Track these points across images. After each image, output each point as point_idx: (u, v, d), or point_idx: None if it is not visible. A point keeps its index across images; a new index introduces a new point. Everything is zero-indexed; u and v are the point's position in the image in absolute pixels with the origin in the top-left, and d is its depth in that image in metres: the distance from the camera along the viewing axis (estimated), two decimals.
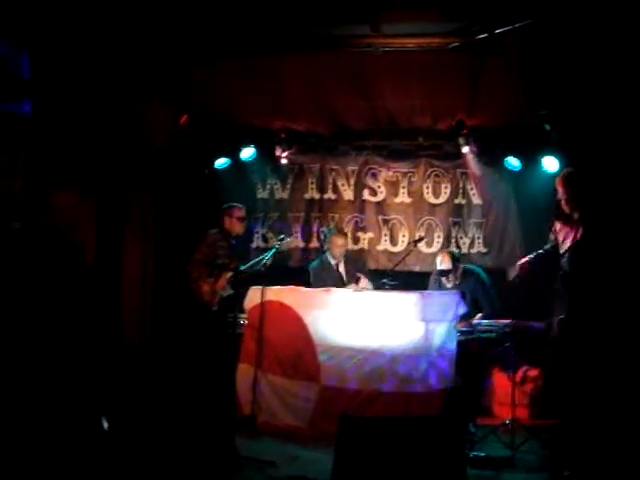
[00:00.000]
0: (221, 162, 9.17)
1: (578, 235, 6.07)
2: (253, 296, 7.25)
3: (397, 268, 8.15)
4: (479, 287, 7.76)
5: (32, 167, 6.55)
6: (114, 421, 5.95)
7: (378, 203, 9.50)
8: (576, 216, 6.10)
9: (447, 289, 7.83)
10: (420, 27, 6.30)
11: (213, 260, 7.46)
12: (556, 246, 6.22)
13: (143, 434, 5.82)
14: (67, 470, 4.91)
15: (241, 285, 7.30)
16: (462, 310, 6.92)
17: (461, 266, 8.05)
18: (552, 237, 6.40)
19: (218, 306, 7.43)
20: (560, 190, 6.21)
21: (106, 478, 5.00)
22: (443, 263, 7.88)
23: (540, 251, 6.43)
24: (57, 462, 4.94)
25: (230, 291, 7.43)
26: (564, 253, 6.21)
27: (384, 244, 9.47)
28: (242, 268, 7.40)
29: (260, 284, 7.08)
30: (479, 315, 7.46)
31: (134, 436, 5.78)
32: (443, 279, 7.93)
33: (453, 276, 7.89)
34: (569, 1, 5.60)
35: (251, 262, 7.53)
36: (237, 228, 7.79)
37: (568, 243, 6.14)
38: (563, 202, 6.15)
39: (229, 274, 7.41)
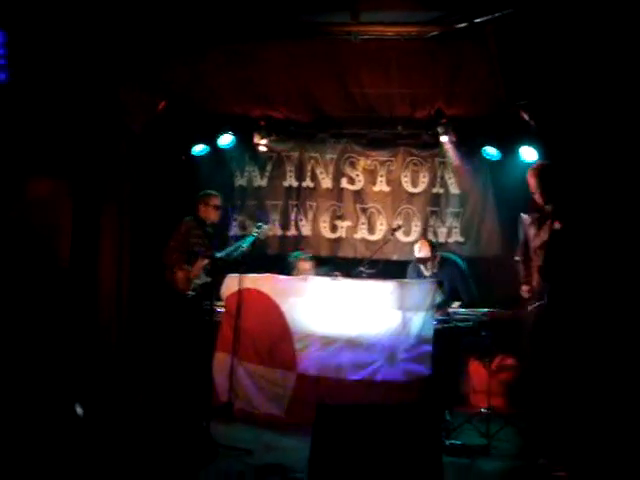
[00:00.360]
0: (199, 149, 9.14)
1: (553, 227, 6.11)
2: (230, 284, 7.24)
3: (375, 256, 8.15)
4: (457, 275, 7.79)
5: (5, 154, 6.48)
6: (92, 410, 5.95)
7: (356, 191, 9.49)
8: (549, 209, 6.14)
9: (425, 277, 7.87)
10: (400, 15, 6.27)
11: (188, 248, 7.42)
12: None
13: (120, 422, 5.82)
14: (42, 455, 4.91)
15: (218, 273, 7.27)
16: (439, 298, 6.95)
17: (439, 254, 8.08)
18: (520, 229, 6.44)
19: (193, 293, 7.38)
20: (532, 183, 6.25)
21: (82, 464, 4.99)
22: (422, 251, 7.92)
23: None
24: (31, 447, 4.94)
25: (206, 279, 7.39)
26: (535, 249, 6.25)
27: (362, 232, 9.47)
28: (218, 255, 7.37)
29: (237, 272, 7.05)
30: (457, 304, 7.47)
31: (110, 424, 5.77)
32: (421, 267, 7.96)
33: (431, 264, 7.92)
34: None
35: (228, 249, 7.50)
36: (212, 216, 7.74)
37: (544, 236, 6.18)
38: (537, 195, 6.20)
39: (205, 261, 7.38)
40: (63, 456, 5.05)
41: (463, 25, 6.07)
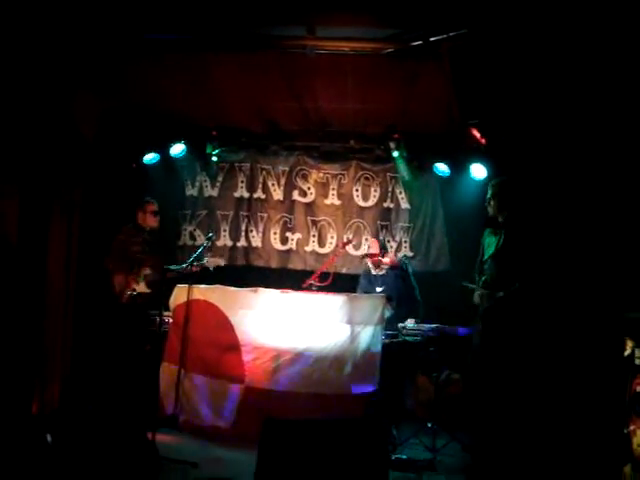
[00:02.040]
0: (150, 157, 9.04)
1: (501, 240, 6.23)
2: (178, 294, 7.19)
3: (325, 270, 8.16)
4: (403, 280, 7.77)
5: None
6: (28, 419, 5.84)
7: (307, 204, 9.52)
8: (500, 219, 6.27)
9: (375, 276, 7.90)
10: (356, 31, 6.30)
11: (128, 255, 7.37)
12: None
13: (62, 429, 5.71)
14: None
15: (163, 284, 7.23)
16: (388, 313, 6.99)
17: (387, 258, 8.13)
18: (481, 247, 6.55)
19: (130, 301, 7.30)
20: (490, 192, 6.37)
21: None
22: (371, 248, 8.02)
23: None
24: None
25: (146, 289, 7.33)
26: (487, 259, 6.36)
27: (312, 245, 9.49)
28: (172, 268, 7.34)
29: (186, 282, 7.01)
30: (410, 320, 7.47)
31: (53, 431, 5.66)
32: (370, 264, 7.98)
33: (380, 264, 7.94)
34: (502, 13, 5.68)
35: (181, 266, 7.44)
36: (151, 222, 7.70)
37: (491, 250, 6.30)
38: (491, 204, 6.32)
39: (146, 270, 7.33)
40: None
41: (418, 43, 6.12)
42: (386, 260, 7.91)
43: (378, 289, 7.83)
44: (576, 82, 6.26)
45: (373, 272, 8.01)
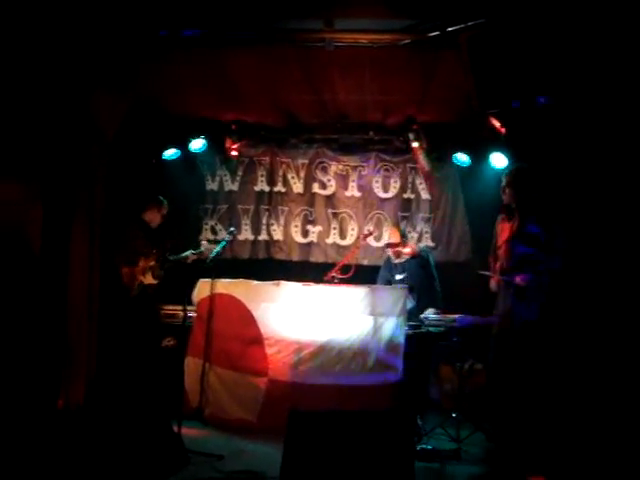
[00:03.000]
0: (170, 153, 9.09)
1: (514, 227, 6.22)
2: (202, 289, 7.23)
3: (346, 262, 8.17)
4: (424, 269, 7.78)
5: None
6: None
7: (328, 196, 9.52)
8: (514, 205, 6.26)
9: (395, 265, 7.89)
10: (373, 23, 6.30)
11: (134, 248, 7.47)
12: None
13: (89, 426, 5.77)
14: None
15: (167, 274, 7.30)
16: (410, 304, 7.01)
17: (408, 248, 8.12)
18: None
19: (139, 293, 7.37)
20: (505, 180, 6.36)
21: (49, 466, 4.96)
22: (391, 237, 7.97)
23: None
24: None
25: (153, 280, 7.41)
26: (501, 245, 6.35)
27: (333, 237, 9.49)
28: (172, 258, 7.43)
29: (209, 276, 7.05)
30: (430, 310, 7.47)
31: (81, 428, 5.72)
32: (391, 254, 7.97)
33: (402, 251, 7.89)
34: (519, 1, 5.67)
35: (184, 253, 7.52)
36: (157, 220, 7.88)
37: (505, 236, 6.30)
38: (506, 191, 6.31)
39: (150, 262, 7.40)
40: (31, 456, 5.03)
41: (436, 34, 6.12)
42: (407, 250, 7.88)
43: (398, 276, 7.79)
44: (596, 70, 6.22)
45: (394, 261, 7.98)
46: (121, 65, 7.10)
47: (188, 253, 7.46)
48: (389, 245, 8.00)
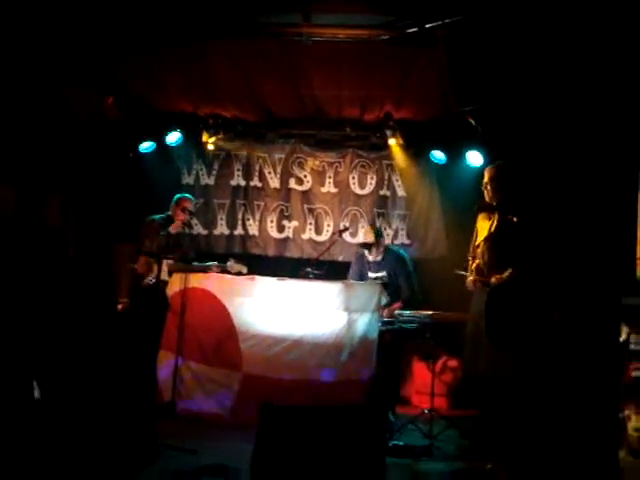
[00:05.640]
0: (146, 146, 9.04)
1: (493, 226, 6.25)
2: (175, 282, 7.21)
3: (321, 258, 8.18)
4: (400, 267, 7.69)
5: None
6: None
7: (304, 192, 9.52)
8: (494, 203, 6.28)
9: (369, 263, 7.84)
10: (351, 19, 6.31)
11: (156, 242, 7.41)
12: None
13: (63, 411, 5.72)
14: None
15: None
16: (384, 300, 7.01)
17: (385, 244, 8.11)
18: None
19: (151, 286, 7.32)
20: (486, 176, 6.37)
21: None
22: (366, 236, 7.85)
23: None
24: None
25: (167, 278, 7.35)
26: (479, 243, 6.37)
27: (309, 233, 9.50)
28: (195, 264, 7.39)
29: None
30: (397, 304, 7.46)
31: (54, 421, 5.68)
32: (365, 252, 7.90)
33: (376, 251, 7.82)
34: (497, 0, 5.70)
35: (209, 263, 7.46)
36: (180, 217, 7.72)
37: (484, 233, 6.32)
38: (487, 188, 6.33)
39: (170, 260, 7.33)
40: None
41: (413, 30, 6.13)
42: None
43: (372, 274, 7.78)
44: (572, 68, 6.26)
45: (370, 258, 7.94)
46: (99, 58, 7.07)
47: (212, 264, 7.39)
48: (364, 245, 7.90)
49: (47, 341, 7.37)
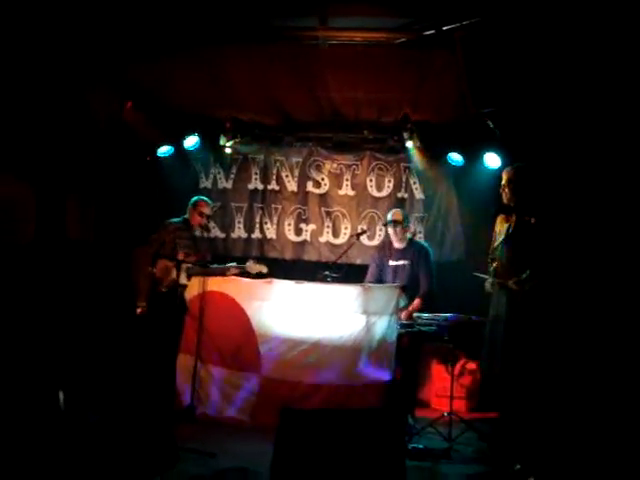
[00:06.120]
0: (164, 150, 9.07)
1: (511, 228, 6.23)
2: (194, 285, 7.22)
3: (339, 261, 8.17)
4: (422, 260, 7.68)
5: None
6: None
7: (321, 195, 9.51)
8: (512, 204, 6.26)
9: (392, 251, 7.82)
10: (368, 21, 6.32)
11: (175, 245, 7.44)
12: None
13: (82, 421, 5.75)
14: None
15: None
16: (403, 303, 7.00)
17: (410, 231, 8.12)
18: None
19: (169, 290, 7.34)
20: (505, 178, 6.36)
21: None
22: (395, 215, 7.80)
23: None
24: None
25: (186, 282, 7.35)
26: (498, 245, 6.36)
27: (326, 236, 9.48)
28: (214, 266, 7.38)
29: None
30: (416, 301, 7.45)
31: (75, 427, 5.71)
32: (391, 232, 7.82)
33: (402, 234, 7.77)
34: (515, 1, 5.67)
35: (228, 264, 7.47)
36: (197, 220, 7.77)
37: (503, 236, 6.31)
38: (506, 191, 6.31)
39: (189, 264, 7.33)
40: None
41: (431, 32, 6.12)
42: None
43: (393, 262, 7.74)
44: (591, 70, 6.23)
45: (394, 243, 7.85)
46: (117, 60, 7.11)
47: (231, 265, 7.40)
48: (393, 223, 7.80)
49: (69, 347, 7.42)
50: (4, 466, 4.74)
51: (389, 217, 7.88)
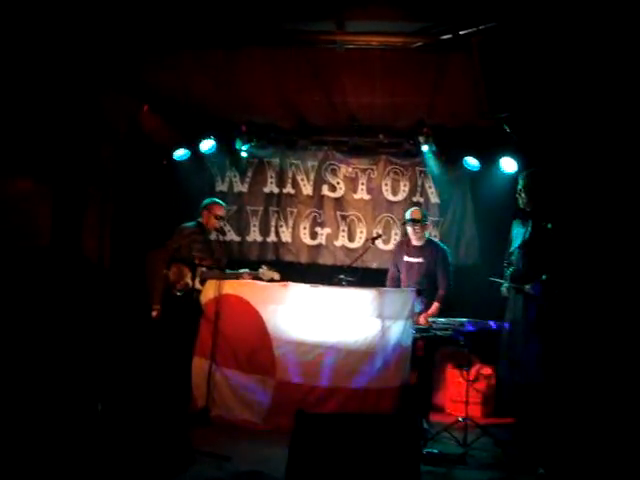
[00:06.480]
0: (180, 153, 9.10)
1: (528, 231, 6.22)
2: (209, 289, 7.24)
3: (354, 265, 8.17)
4: (440, 259, 7.76)
5: None
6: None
7: (337, 199, 9.52)
8: (529, 209, 6.25)
9: (410, 249, 7.88)
10: (385, 26, 6.30)
11: (189, 249, 7.44)
12: None
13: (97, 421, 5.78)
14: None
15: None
16: (418, 307, 6.99)
17: (428, 230, 8.16)
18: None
19: (183, 294, 7.34)
20: (521, 183, 6.35)
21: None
22: (414, 214, 7.85)
23: None
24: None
25: (200, 287, 7.36)
26: (514, 250, 6.35)
27: (342, 240, 9.49)
28: (228, 272, 7.39)
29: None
30: (434, 305, 7.45)
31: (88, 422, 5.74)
32: (410, 230, 7.88)
33: (421, 231, 7.83)
34: (531, 6, 5.65)
35: (241, 270, 7.50)
36: (212, 223, 7.76)
37: (519, 241, 6.30)
38: (522, 195, 6.31)
39: (203, 268, 7.33)
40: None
41: (447, 37, 6.11)
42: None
43: (409, 259, 7.81)
44: (608, 74, 6.21)
45: (413, 241, 7.90)
46: (133, 65, 7.14)
47: (244, 271, 7.43)
48: (412, 221, 7.84)
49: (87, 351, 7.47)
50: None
51: (407, 215, 7.90)
